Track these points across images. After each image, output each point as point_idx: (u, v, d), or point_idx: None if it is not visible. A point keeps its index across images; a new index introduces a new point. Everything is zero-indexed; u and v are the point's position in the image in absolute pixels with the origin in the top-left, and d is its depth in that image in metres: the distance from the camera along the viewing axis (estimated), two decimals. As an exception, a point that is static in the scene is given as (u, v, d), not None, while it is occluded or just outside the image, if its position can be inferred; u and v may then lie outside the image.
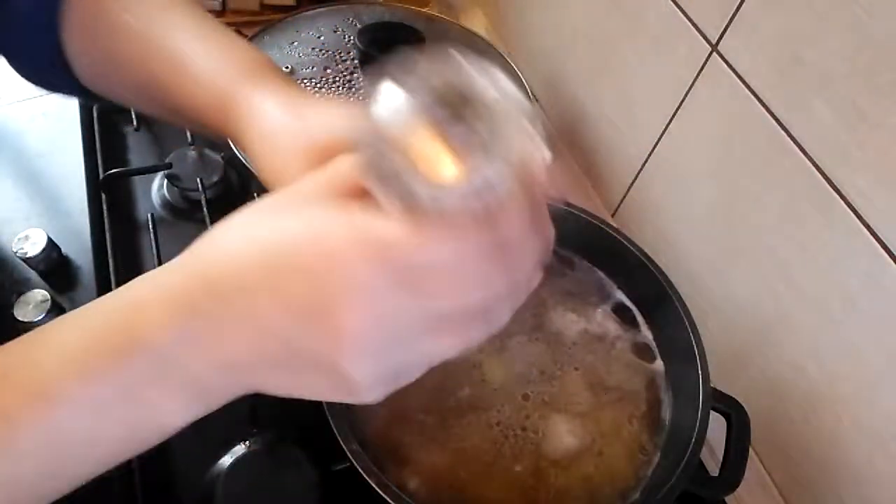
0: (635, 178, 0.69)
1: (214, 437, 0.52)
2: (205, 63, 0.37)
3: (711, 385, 0.49)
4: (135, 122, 0.72)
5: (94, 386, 0.24)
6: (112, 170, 0.66)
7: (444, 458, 0.47)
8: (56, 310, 0.56)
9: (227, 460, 0.49)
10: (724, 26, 0.52)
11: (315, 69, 0.69)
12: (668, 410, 0.52)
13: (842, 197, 0.46)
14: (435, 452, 0.48)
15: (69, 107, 0.72)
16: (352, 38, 0.71)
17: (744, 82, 0.52)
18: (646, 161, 0.66)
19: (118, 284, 0.60)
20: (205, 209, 0.64)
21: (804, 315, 0.51)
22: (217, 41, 0.39)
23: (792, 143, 0.49)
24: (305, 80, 0.68)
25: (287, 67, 0.69)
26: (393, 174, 0.24)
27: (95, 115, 0.72)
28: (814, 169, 0.47)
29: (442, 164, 0.25)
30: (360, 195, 0.25)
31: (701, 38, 0.55)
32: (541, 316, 0.56)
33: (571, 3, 0.74)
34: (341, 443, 0.42)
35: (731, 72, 0.53)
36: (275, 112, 0.35)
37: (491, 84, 0.25)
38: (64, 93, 0.46)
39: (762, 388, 0.56)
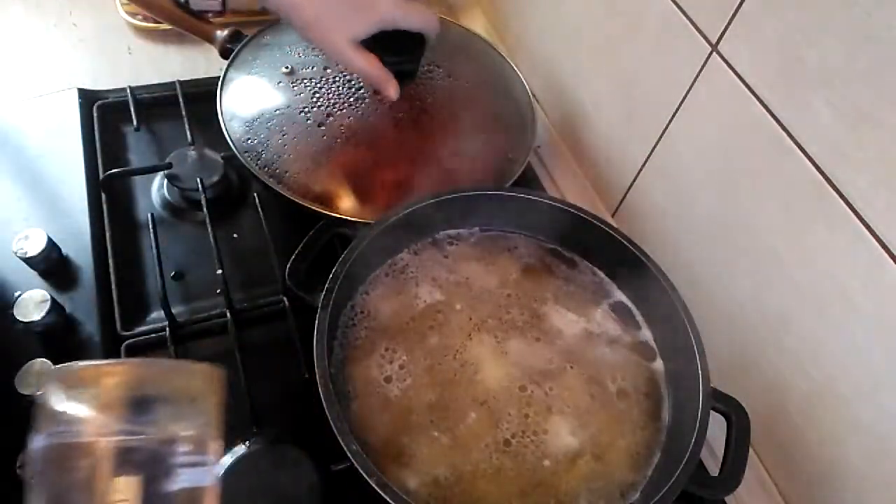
0: (635, 178, 0.69)
1: (214, 437, 0.52)
2: None
3: (711, 385, 0.49)
4: (135, 122, 0.72)
5: None
6: (112, 170, 0.66)
7: (445, 458, 0.47)
8: (56, 310, 0.56)
9: (227, 460, 0.49)
10: (724, 26, 0.52)
11: (315, 69, 0.69)
12: (668, 410, 0.52)
13: (842, 197, 0.46)
14: (436, 454, 0.48)
15: (69, 107, 0.72)
16: (352, 38, 0.71)
17: (744, 82, 0.52)
18: (646, 161, 0.66)
19: (118, 284, 0.61)
20: (205, 209, 0.64)
21: (804, 315, 0.51)
22: None
23: (792, 143, 0.49)
24: (305, 80, 0.68)
25: (287, 67, 0.69)
26: None
27: (95, 115, 0.72)
28: (814, 169, 0.47)
29: None
30: None
31: (701, 38, 0.55)
32: (541, 316, 0.56)
33: (571, 3, 0.74)
34: (341, 443, 0.42)
35: (731, 72, 0.53)
36: None
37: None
38: None
39: (762, 388, 0.56)
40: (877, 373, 0.47)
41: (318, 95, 0.67)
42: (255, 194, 0.68)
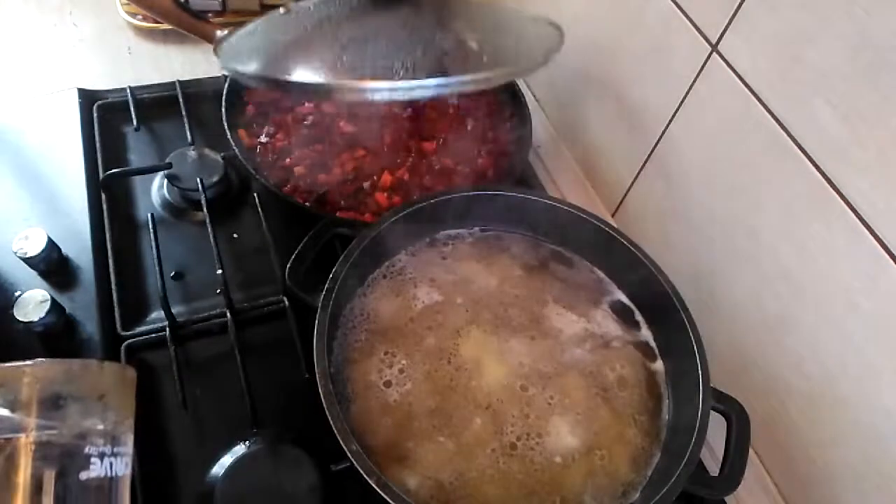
0: (635, 178, 0.69)
1: (214, 437, 0.52)
2: None
3: (711, 385, 0.49)
4: (135, 122, 0.72)
5: None
6: (112, 170, 0.66)
7: (450, 462, 0.47)
8: (56, 310, 0.56)
9: (227, 460, 0.49)
10: (724, 26, 0.52)
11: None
12: (669, 410, 0.52)
13: (842, 197, 0.46)
14: (440, 458, 0.48)
15: (69, 107, 0.72)
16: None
17: (744, 82, 0.52)
18: (646, 161, 0.66)
19: (118, 284, 0.61)
20: (205, 209, 0.64)
21: (804, 315, 0.51)
22: None
23: (792, 143, 0.49)
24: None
25: (284, 9, 0.65)
26: None
27: (95, 115, 0.72)
28: (814, 169, 0.47)
29: None
30: None
31: (701, 38, 0.55)
32: (541, 316, 0.56)
33: (571, 3, 0.74)
34: (341, 443, 0.42)
35: (731, 72, 0.53)
36: None
37: None
38: None
39: (762, 388, 0.56)
40: (877, 372, 0.47)
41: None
42: (255, 194, 0.68)
